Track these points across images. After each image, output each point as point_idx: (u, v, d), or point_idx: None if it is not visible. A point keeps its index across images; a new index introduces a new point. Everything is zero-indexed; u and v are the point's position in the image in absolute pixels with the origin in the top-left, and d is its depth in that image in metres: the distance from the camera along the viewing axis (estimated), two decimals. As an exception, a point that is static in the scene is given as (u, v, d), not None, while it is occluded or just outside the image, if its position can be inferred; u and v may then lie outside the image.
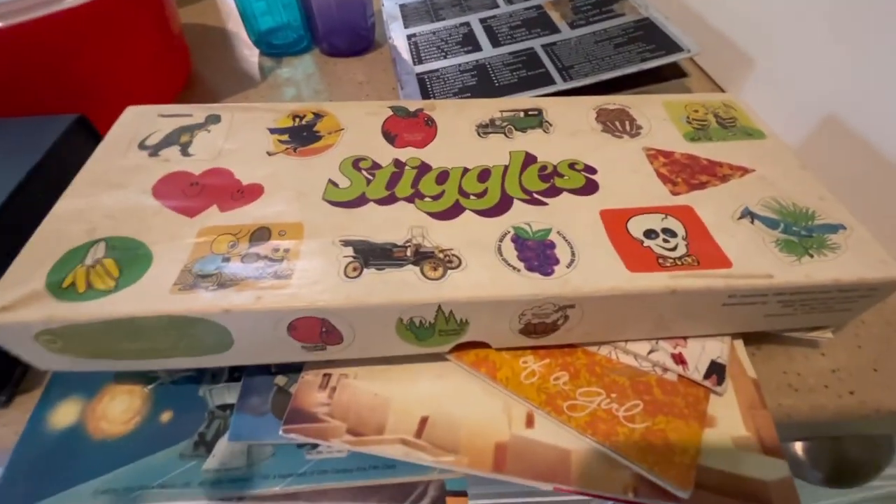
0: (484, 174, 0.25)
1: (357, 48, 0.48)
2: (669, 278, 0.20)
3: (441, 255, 0.20)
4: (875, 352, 0.25)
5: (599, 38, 0.40)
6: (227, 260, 0.20)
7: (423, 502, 0.21)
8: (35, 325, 0.18)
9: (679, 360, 0.22)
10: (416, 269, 0.20)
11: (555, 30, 0.42)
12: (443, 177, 0.24)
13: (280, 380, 0.23)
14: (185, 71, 0.43)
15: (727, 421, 0.21)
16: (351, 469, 0.21)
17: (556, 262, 0.20)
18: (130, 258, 0.20)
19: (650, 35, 0.39)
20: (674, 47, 0.37)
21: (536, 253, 0.21)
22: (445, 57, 0.42)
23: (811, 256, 0.21)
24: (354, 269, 0.20)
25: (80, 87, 0.33)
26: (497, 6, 0.47)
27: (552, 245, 0.21)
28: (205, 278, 0.19)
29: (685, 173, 0.25)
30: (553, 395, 0.21)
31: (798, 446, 0.31)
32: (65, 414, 0.23)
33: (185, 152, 0.25)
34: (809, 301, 0.21)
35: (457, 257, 0.20)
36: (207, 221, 0.22)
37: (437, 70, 0.41)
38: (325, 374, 0.23)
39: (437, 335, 0.21)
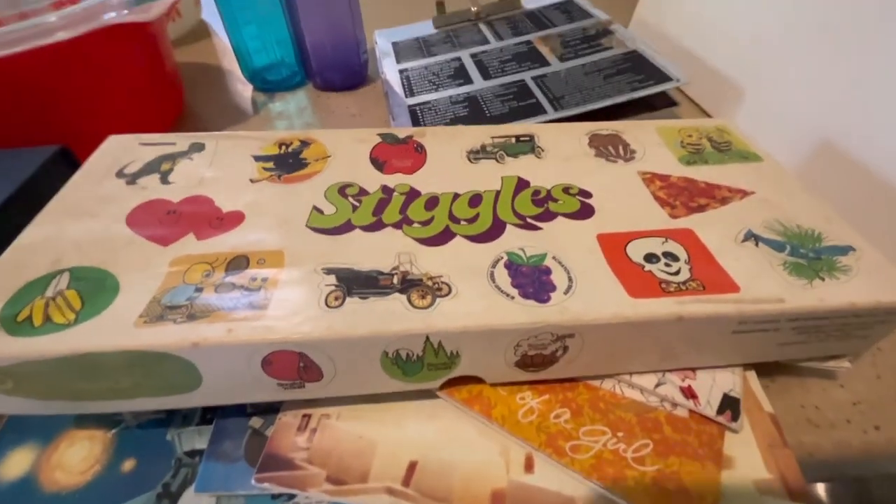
0: (475, 199, 0.24)
1: (350, 83, 0.48)
2: (675, 304, 0.18)
3: (430, 283, 0.19)
4: (895, 383, 0.24)
5: (589, 70, 0.40)
6: (199, 290, 0.19)
7: (412, 562, 0.19)
8: (-20, 362, 0.16)
9: (689, 393, 0.20)
10: (403, 297, 0.18)
11: (545, 63, 0.43)
12: (432, 202, 0.24)
13: (255, 421, 0.21)
14: (178, 106, 0.43)
15: (746, 462, 0.19)
16: (331, 523, 0.19)
17: (553, 288, 0.19)
18: (95, 289, 0.18)
19: (639, 66, 0.39)
20: (663, 77, 0.37)
21: (531, 279, 0.19)
22: (437, 89, 0.42)
23: (822, 280, 0.19)
24: (336, 299, 0.18)
25: (66, 119, 0.32)
26: (488, 42, 0.48)
27: (548, 271, 0.20)
28: (173, 310, 0.18)
29: (683, 196, 0.24)
30: (554, 435, 0.19)
31: (820, 487, 0.29)
32: (16, 464, 0.21)
33: (164, 180, 0.24)
34: (825, 327, 0.19)
35: (447, 285, 0.19)
36: (182, 250, 0.21)
37: (428, 102, 0.41)
38: (304, 415, 0.21)
39: (426, 369, 0.19)
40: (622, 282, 0.19)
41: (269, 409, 0.21)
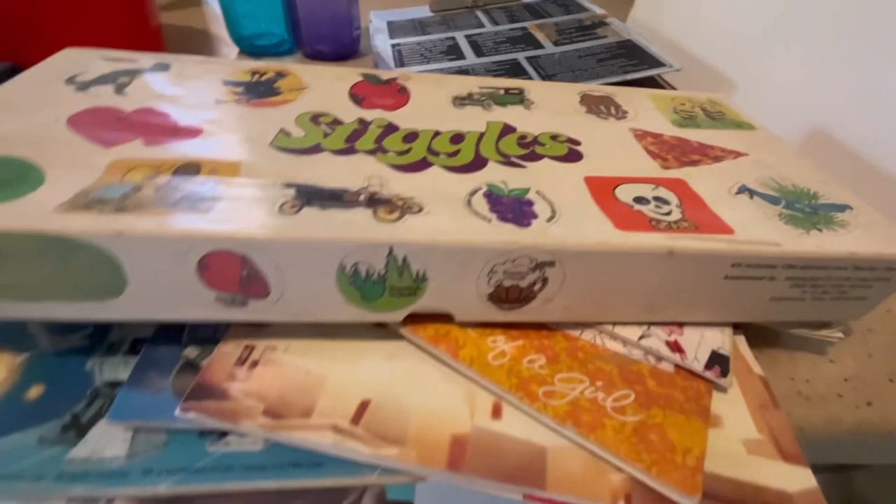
0: (457, 137, 0.22)
1: (340, 55, 0.47)
2: (666, 238, 0.17)
3: (399, 203, 0.17)
4: (888, 362, 0.22)
5: (583, 54, 0.40)
6: (137, 189, 0.16)
7: (355, 514, 0.16)
8: None
9: (675, 347, 0.19)
10: (369, 210, 0.17)
11: (539, 46, 0.42)
12: (411, 136, 0.22)
13: (190, 352, 0.19)
14: (155, 57, 0.41)
15: (735, 421, 0.17)
16: (265, 467, 0.16)
17: (535, 216, 0.17)
18: (14, 178, 0.16)
19: (633, 53, 0.39)
20: (656, 63, 0.37)
21: (512, 208, 0.18)
22: (428, 63, 0.41)
23: (819, 231, 0.18)
24: (292, 207, 0.16)
25: (32, 52, 0.30)
26: (483, 26, 0.47)
27: (530, 203, 0.18)
28: (102, 202, 0.15)
29: (675, 152, 0.23)
30: (526, 380, 0.17)
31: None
32: None
33: (119, 91, 0.22)
34: (822, 281, 0.18)
35: (418, 205, 0.17)
36: (126, 153, 0.18)
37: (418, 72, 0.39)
38: (247, 346, 0.18)
39: (388, 294, 0.17)
40: (609, 217, 0.18)
41: (208, 341, 0.19)
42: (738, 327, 0.21)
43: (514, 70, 0.39)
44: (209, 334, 0.19)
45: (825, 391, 0.21)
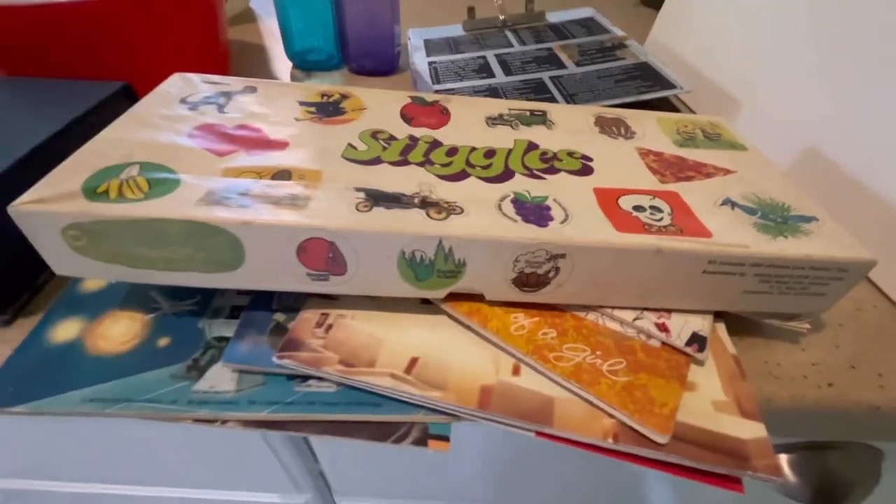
0: (490, 153, 0.27)
1: (382, 70, 0.52)
2: (655, 239, 0.21)
3: (445, 205, 0.22)
4: (852, 353, 0.26)
5: (602, 75, 0.44)
6: (249, 190, 0.22)
7: (406, 442, 0.21)
8: (65, 216, 0.19)
9: (662, 328, 0.23)
10: (422, 210, 0.22)
11: (562, 66, 0.47)
12: (452, 151, 0.27)
13: (279, 316, 0.24)
14: (224, 74, 0.48)
15: (707, 387, 0.22)
16: (338, 403, 0.21)
17: (552, 219, 0.22)
18: (160, 179, 0.22)
19: (647, 75, 0.43)
20: (668, 84, 0.41)
21: (533, 212, 0.22)
22: (461, 80, 0.46)
23: (785, 237, 0.22)
24: (365, 206, 0.21)
25: (128, 67, 0.36)
26: (512, 46, 0.52)
27: (548, 208, 0.23)
28: (228, 199, 0.21)
29: (673, 169, 0.27)
30: (540, 346, 0.22)
31: (783, 459, 0.31)
32: (65, 331, 0.23)
33: (221, 110, 0.28)
34: (785, 278, 0.22)
35: (460, 208, 0.22)
36: (234, 162, 0.24)
37: (453, 89, 0.44)
38: (323, 314, 0.23)
39: (436, 276, 0.22)
40: (611, 221, 0.22)
41: (292, 309, 0.24)
42: (719, 316, 0.25)
43: (539, 89, 0.43)
44: (292, 304, 0.24)
45: (794, 373, 0.25)
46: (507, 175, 0.25)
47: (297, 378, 0.22)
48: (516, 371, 0.22)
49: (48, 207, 0.19)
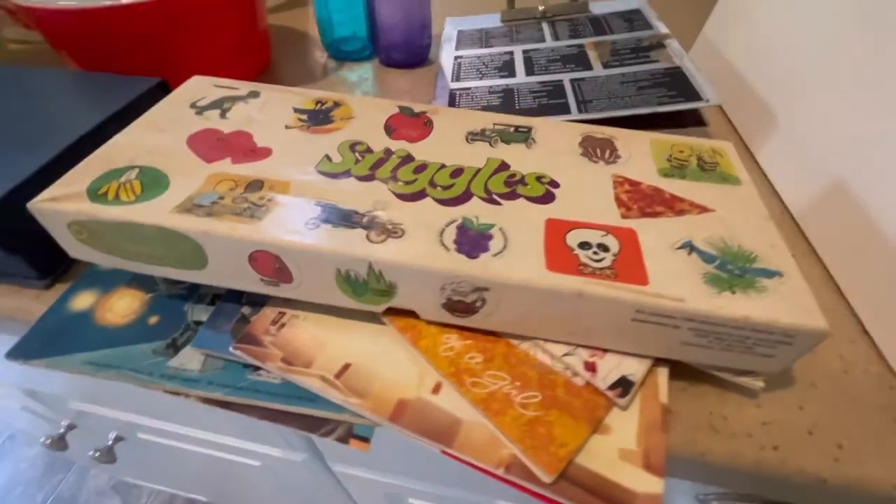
0: (457, 172, 0.28)
1: (411, 62, 0.53)
2: (581, 283, 0.21)
3: (389, 227, 0.24)
4: (817, 417, 0.24)
5: (626, 80, 0.42)
6: (221, 198, 0.25)
7: (331, 437, 0.23)
8: (68, 214, 0.23)
9: (590, 368, 0.23)
10: (364, 232, 0.23)
11: (588, 67, 0.45)
12: (420, 168, 0.28)
13: (245, 310, 0.27)
14: (264, 62, 0.51)
15: (621, 434, 0.22)
16: (280, 394, 0.24)
17: (486, 250, 0.23)
18: (153, 183, 0.25)
19: (675, 83, 0.40)
20: (694, 95, 0.38)
21: (472, 241, 0.23)
22: (481, 78, 0.46)
23: (732, 293, 0.21)
24: (314, 223, 0.23)
25: (170, 61, 0.41)
26: (544, 41, 0.50)
27: (490, 237, 0.23)
28: (199, 208, 0.24)
29: (643, 202, 0.26)
30: (461, 370, 0.23)
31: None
32: (82, 301, 0.28)
33: (223, 115, 0.31)
34: (724, 336, 0.21)
35: (402, 230, 0.23)
36: (219, 168, 0.27)
37: (469, 88, 0.44)
38: (280, 312, 0.26)
39: (370, 293, 0.23)
40: (546, 257, 0.22)
41: (258, 304, 0.27)
42: (667, 361, 0.25)
43: (556, 92, 0.42)
44: (258, 299, 0.27)
45: (737, 428, 0.24)
46: (463, 198, 0.26)
47: (251, 367, 0.25)
48: (436, 390, 0.23)
49: (55, 206, 0.23)
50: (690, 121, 0.40)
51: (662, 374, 0.24)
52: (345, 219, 0.24)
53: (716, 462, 0.23)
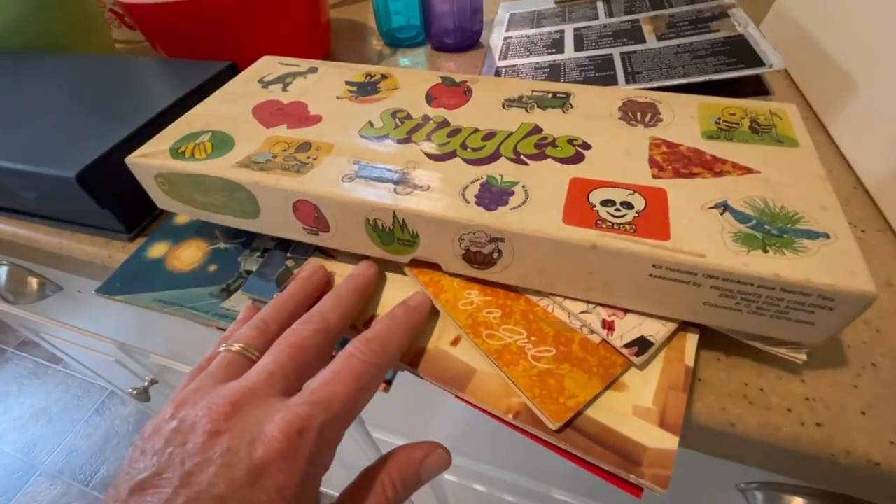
0: (489, 135, 0.28)
1: (463, 46, 0.54)
2: (595, 235, 0.21)
3: (417, 183, 0.25)
4: (873, 399, 0.22)
5: (681, 51, 0.40)
6: (274, 156, 0.27)
7: (355, 376, 0.25)
8: (154, 168, 0.27)
9: (607, 325, 0.23)
10: (393, 186, 0.25)
11: (641, 40, 0.43)
12: (454, 132, 0.29)
13: (290, 262, 0.30)
14: (324, 51, 0.55)
15: (636, 392, 0.21)
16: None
17: (505, 204, 0.23)
18: (221, 144, 0.29)
19: (736, 50, 0.37)
20: (756, 61, 0.35)
21: (494, 195, 0.24)
22: (528, 56, 0.46)
23: (765, 252, 0.20)
24: (349, 178, 0.25)
25: (243, 47, 0.45)
26: (597, 18, 0.49)
27: (511, 193, 0.24)
28: (255, 164, 0.27)
29: (679, 163, 0.25)
30: (478, 323, 0.24)
31: (797, 503, 0.27)
32: (157, 250, 0.33)
33: (284, 88, 0.34)
34: (752, 297, 0.20)
35: (428, 186, 0.25)
36: (276, 133, 0.30)
37: (515, 65, 0.45)
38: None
39: (396, 243, 0.25)
40: (565, 211, 0.22)
41: (301, 258, 0.30)
42: (697, 326, 0.23)
43: (604, 65, 0.41)
44: (303, 254, 0.30)
45: (775, 402, 0.22)
46: (491, 158, 0.26)
47: (292, 310, 0.28)
48: (455, 342, 0.24)
49: (145, 160, 0.28)
50: (752, 90, 0.37)
51: (692, 339, 0.23)
52: (377, 175, 0.26)
53: (747, 434, 0.22)
